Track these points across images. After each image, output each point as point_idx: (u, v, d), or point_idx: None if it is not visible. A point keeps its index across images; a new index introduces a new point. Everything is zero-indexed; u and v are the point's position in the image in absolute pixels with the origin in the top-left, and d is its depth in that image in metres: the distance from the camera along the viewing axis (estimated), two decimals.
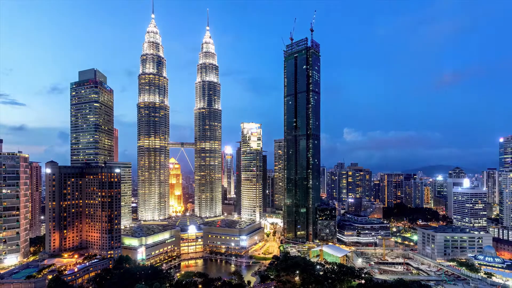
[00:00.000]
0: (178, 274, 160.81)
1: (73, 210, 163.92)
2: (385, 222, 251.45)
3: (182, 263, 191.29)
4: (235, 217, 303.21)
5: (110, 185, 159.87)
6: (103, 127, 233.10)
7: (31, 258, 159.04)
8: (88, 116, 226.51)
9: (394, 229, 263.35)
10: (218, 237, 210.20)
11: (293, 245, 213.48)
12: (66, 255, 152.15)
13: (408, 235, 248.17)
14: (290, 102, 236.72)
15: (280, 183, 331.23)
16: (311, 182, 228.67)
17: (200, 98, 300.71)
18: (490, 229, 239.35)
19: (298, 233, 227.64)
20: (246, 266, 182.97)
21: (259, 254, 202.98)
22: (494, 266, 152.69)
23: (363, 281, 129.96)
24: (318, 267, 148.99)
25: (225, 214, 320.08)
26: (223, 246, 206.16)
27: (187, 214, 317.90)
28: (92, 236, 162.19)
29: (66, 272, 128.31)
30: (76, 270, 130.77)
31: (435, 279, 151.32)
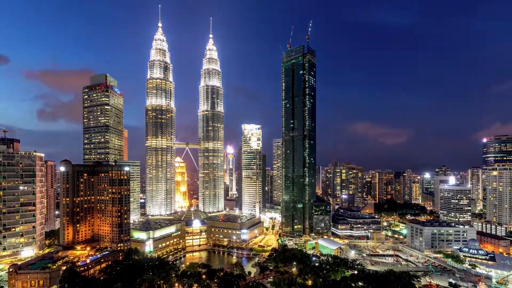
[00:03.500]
0: (183, 265, 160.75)
1: (86, 206, 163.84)
2: (376, 216, 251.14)
3: (187, 255, 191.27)
4: (237, 212, 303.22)
5: (120, 182, 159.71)
6: (113, 128, 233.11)
7: (46, 250, 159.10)
8: (100, 118, 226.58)
9: (385, 223, 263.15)
10: (221, 230, 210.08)
11: (291, 238, 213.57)
12: (79, 248, 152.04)
13: (397, 229, 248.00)
14: (288, 105, 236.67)
15: (279, 181, 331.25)
16: (307, 180, 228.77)
17: (204, 101, 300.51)
18: (474, 223, 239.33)
19: (295, 227, 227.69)
20: (247, 258, 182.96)
21: (259, 246, 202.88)
22: (478, 258, 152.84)
23: (355, 272, 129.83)
24: (314, 258, 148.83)
25: (227, 210, 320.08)
26: (225, 239, 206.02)
27: (192, 209, 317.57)
28: (103, 229, 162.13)
29: (79, 263, 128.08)
30: (88, 261, 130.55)
31: (423, 270, 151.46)
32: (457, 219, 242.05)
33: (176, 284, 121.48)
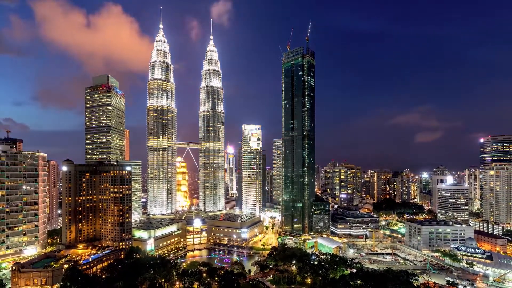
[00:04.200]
0: (184, 264, 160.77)
1: (88, 205, 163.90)
2: (375, 216, 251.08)
3: (188, 254, 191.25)
4: (237, 211, 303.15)
5: (122, 181, 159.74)
6: (115, 128, 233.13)
7: (49, 249, 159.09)
8: (101, 118, 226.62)
9: (383, 222, 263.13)
10: (221, 229, 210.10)
11: (290, 237, 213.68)
12: (81, 246, 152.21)
13: (396, 228, 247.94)
14: (287, 106, 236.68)
15: (278, 180, 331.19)
16: (306, 179, 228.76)
17: (205, 101, 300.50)
18: (472, 222, 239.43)
19: (295, 226, 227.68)
20: (247, 257, 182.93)
21: (258, 245, 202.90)
22: (475, 257, 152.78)
23: (354, 270, 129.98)
24: (313, 257, 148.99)
25: (228, 209, 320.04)
26: (226, 238, 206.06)
27: (193, 208, 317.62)
28: (105, 228, 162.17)
29: (81, 262, 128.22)
30: (90, 260, 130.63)
31: (421, 268, 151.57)
32: (454, 218, 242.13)
33: (177, 283, 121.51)
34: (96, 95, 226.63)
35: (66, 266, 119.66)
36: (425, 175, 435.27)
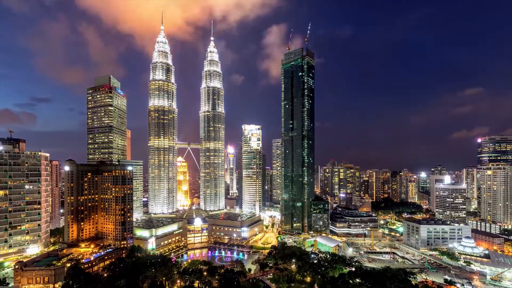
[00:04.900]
0: (185, 263, 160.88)
1: (90, 204, 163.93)
2: (374, 215, 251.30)
3: (188, 252, 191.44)
4: (237, 210, 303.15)
5: (123, 181, 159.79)
6: (116, 128, 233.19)
7: (51, 248, 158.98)
8: (103, 119, 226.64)
9: (382, 222, 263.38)
10: (222, 228, 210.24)
11: (290, 236, 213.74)
12: (83, 245, 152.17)
13: (394, 227, 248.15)
14: (287, 106, 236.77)
15: (278, 180, 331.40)
16: (306, 179, 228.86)
17: (205, 102, 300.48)
18: (469, 221, 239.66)
19: (294, 225, 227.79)
20: (247, 255, 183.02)
21: (258, 244, 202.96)
22: (472, 255, 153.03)
23: (353, 269, 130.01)
24: (312, 256, 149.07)
25: (228, 208, 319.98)
26: (226, 237, 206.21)
27: (193, 207, 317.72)
28: (107, 227, 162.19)
29: (83, 260, 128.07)
30: (92, 258, 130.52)
31: (419, 267, 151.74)
32: (452, 218, 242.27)
33: (178, 281, 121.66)
34: (98, 96, 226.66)
35: (68, 265, 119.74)
36: (423, 174, 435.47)
